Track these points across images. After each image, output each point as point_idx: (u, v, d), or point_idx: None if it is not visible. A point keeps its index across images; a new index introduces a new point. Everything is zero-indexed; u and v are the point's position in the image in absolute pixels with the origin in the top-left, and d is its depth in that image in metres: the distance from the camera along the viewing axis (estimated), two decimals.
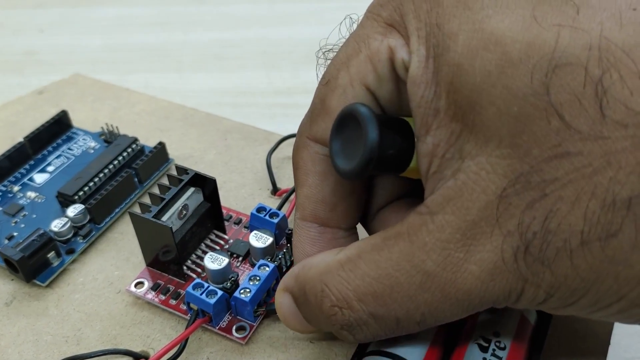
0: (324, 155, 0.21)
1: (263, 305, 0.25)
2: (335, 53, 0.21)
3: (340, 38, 0.22)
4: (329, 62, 0.21)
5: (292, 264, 0.27)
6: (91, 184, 0.30)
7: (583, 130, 0.14)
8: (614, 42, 0.14)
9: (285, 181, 0.32)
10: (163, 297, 0.26)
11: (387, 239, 0.18)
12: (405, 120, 0.19)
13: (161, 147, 0.32)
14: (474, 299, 0.17)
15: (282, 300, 0.21)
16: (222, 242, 0.28)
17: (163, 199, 0.26)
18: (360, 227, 0.23)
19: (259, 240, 0.26)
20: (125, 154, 0.32)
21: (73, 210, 0.29)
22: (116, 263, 0.28)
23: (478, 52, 0.16)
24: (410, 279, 0.17)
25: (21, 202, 0.31)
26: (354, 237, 0.23)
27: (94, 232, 0.29)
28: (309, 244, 0.22)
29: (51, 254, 0.27)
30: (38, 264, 0.27)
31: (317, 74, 0.22)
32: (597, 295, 0.16)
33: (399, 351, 0.21)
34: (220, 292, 0.24)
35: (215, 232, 0.28)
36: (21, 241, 0.27)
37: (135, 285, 0.26)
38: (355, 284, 0.18)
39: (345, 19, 0.22)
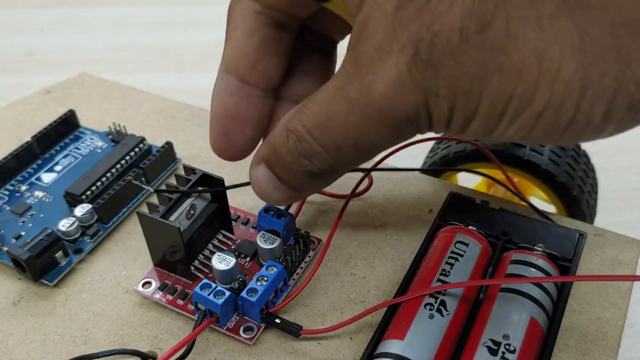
0: (255, 12, 0.22)
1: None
2: None
3: None
4: None
5: (300, 263, 0.27)
6: (99, 183, 0.30)
7: None
8: None
9: None
10: (170, 297, 0.26)
11: (330, 79, 0.20)
12: None
13: (169, 147, 0.32)
14: (387, 116, 0.18)
15: (256, 172, 0.23)
16: (229, 243, 0.28)
17: (171, 199, 0.26)
18: None
19: (267, 240, 0.26)
20: (132, 153, 0.32)
21: (80, 210, 0.29)
22: (124, 263, 0.28)
23: None
24: (340, 108, 0.19)
25: (29, 201, 0.31)
26: (271, 100, 0.24)
27: (101, 232, 0.29)
28: (227, 95, 0.23)
29: (59, 254, 0.27)
30: (45, 264, 0.27)
31: None
32: (490, 97, 0.16)
33: (407, 353, 0.21)
34: (227, 293, 0.24)
35: (223, 232, 0.28)
36: (29, 241, 0.27)
37: (143, 285, 0.26)
38: (305, 120, 0.20)
39: None
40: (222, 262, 0.25)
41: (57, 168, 0.33)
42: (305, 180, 0.22)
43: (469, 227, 0.26)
